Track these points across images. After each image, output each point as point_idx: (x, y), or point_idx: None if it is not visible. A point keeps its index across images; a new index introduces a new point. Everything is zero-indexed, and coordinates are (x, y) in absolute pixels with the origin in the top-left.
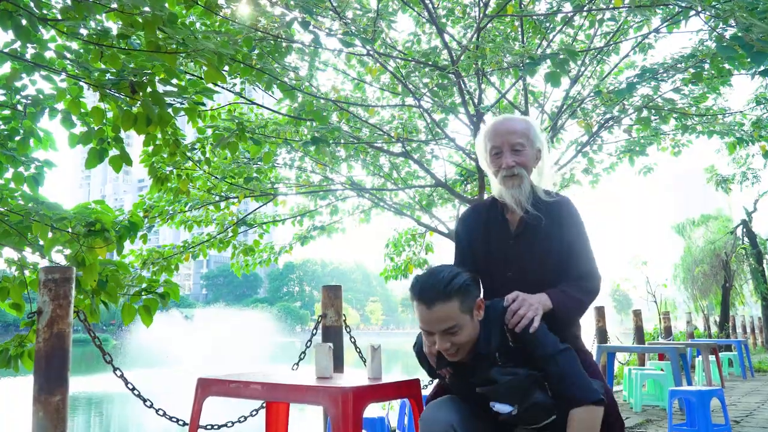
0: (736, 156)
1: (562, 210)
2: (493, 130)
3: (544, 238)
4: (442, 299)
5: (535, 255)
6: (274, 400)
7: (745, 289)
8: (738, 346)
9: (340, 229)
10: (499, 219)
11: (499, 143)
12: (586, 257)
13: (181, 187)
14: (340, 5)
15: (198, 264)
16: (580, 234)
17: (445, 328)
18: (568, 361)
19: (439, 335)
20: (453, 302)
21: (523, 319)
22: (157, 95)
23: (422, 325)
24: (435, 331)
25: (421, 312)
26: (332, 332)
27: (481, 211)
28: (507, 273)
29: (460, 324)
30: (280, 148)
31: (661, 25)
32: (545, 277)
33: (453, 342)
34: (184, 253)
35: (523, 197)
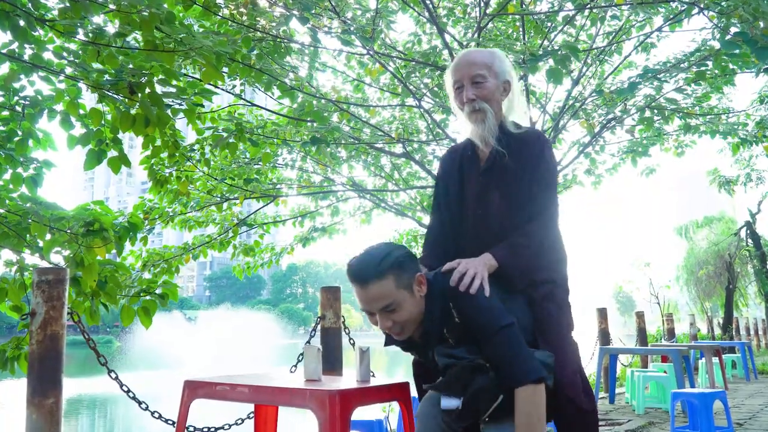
0: (739, 157)
1: (532, 146)
2: (454, 65)
3: (511, 173)
4: (375, 277)
5: (503, 189)
6: (261, 402)
7: (749, 291)
8: (741, 348)
9: (341, 230)
10: (469, 156)
11: (459, 77)
12: (541, 200)
13: (180, 189)
14: (339, 4)
15: (201, 266)
16: (540, 174)
17: (383, 306)
18: (507, 340)
19: (379, 314)
20: (387, 279)
21: (465, 276)
22: (155, 96)
23: (361, 305)
24: (374, 311)
25: (358, 292)
26: (331, 334)
27: (457, 151)
28: (477, 211)
29: (398, 301)
30: (280, 148)
31: (664, 24)
32: (512, 214)
33: (394, 320)
34: (184, 254)
35: (486, 132)
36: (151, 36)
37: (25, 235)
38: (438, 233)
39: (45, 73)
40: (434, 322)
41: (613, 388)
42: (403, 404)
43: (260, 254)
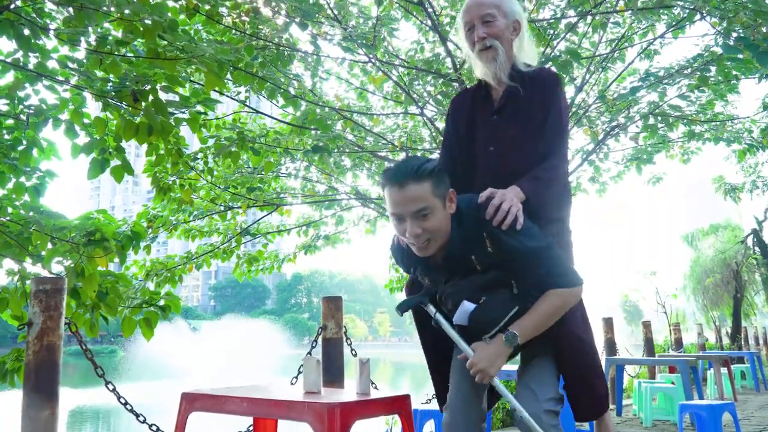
0: (745, 165)
1: (545, 82)
2: (465, 7)
3: (526, 108)
4: (414, 179)
5: (517, 125)
6: (259, 415)
7: (757, 300)
8: (750, 358)
9: (345, 239)
10: (482, 97)
11: (470, 18)
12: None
13: (184, 197)
14: (341, 12)
15: (206, 275)
16: (556, 111)
17: (417, 210)
18: (555, 255)
19: (411, 219)
20: (425, 183)
21: (508, 216)
22: (159, 104)
23: (393, 208)
24: (406, 214)
25: (393, 194)
26: (332, 345)
27: (467, 94)
28: (489, 148)
29: (432, 207)
30: (283, 158)
31: (666, 31)
32: (529, 147)
33: (424, 228)
34: (188, 263)
35: (498, 69)
36: (153, 44)
37: (27, 245)
38: (448, 170)
39: (50, 82)
40: (459, 246)
41: (620, 400)
42: (404, 417)
43: (262, 260)
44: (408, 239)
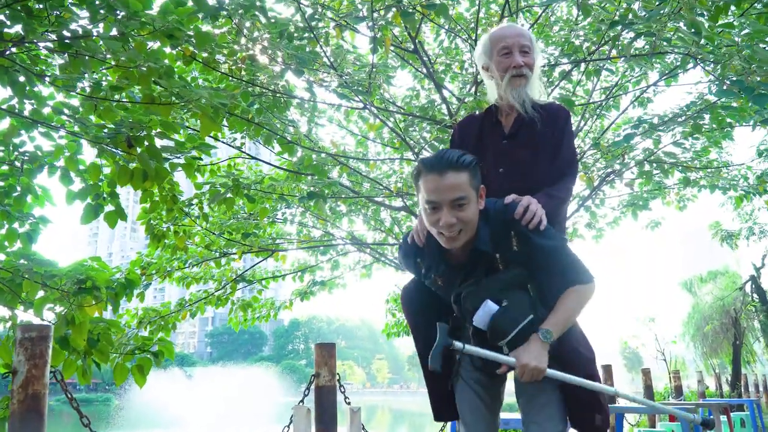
0: (741, 211)
1: (559, 114)
2: (502, 32)
3: (538, 136)
4: (454, 168)
5: (528, 151)
6: None
7: (756, 347)
8: (750, 406)
9: (341, 284)
10: (493, 122)
11: (510, 44)
12: (569, 160)
13: (178, 244)
14: (337, 60)
15: (203, 322)
16: (569, 137)
17: (454, 198)
18: (570, 252)
19: (448, 207)
20: (464, 173)
21: (535, 216)
22: (154, 149)
23: (430, 196)
24: (444, 201)
25: (432, 181)
26: (325, 392)
27: (476, 118)
28: (499, 169)
29: (468, 197)
30: (279, 204)
31: (660, 79)
32: (534, 171)
33: (459, 217)
34: (181, 311)
35: (526, 97)
36: (148, 90)
37: (20, 291)
38: None
39: (45, 129)
40: (486, 243)
41: None
42: None
43: (259, 308)
44: (441, 228)
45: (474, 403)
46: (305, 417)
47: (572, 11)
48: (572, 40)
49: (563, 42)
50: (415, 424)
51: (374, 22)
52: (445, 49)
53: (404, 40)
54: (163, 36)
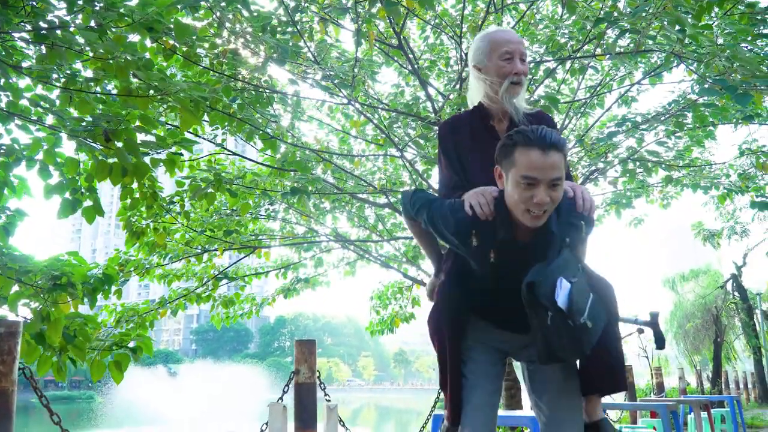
0: (723, 211)
1: (549, 122)
2: (505, 37)
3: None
4: (557, 148)
5: None
6: None
7: (737, 344)
8: (730, 402)
9: (325, 282)
10: (485, 126)
11: (512, 50)
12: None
13: (157, 241)
14: (320, 54)
15: (188, 319)
16: None
17: (554, 178)
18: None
19: (545, 186)
20: (563, 154)
21: (593, 205)
22: (132, 144)
23: (533, 172)
24: (544, 180)
25: (535, 157)
26: (305, 390)
27: (464, 121)
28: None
29: (563, 179)
30: (262, 200)
31: (643, 77)
32: None
33: (552, 197)
34: (161, 308)
35: (519, 103)
36: (126, 82)
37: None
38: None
39: (22, 122)
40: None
41: None
42: None
43: (240, 305)
44: (532, 205)
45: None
46: (281, 414)
47: (557, 9)
48: (557, 38)
49: (548, 40)
50: (401, 421)
51: (358, 15)
52: (430, 46)
53: (389, 36)
54: (142, 28)
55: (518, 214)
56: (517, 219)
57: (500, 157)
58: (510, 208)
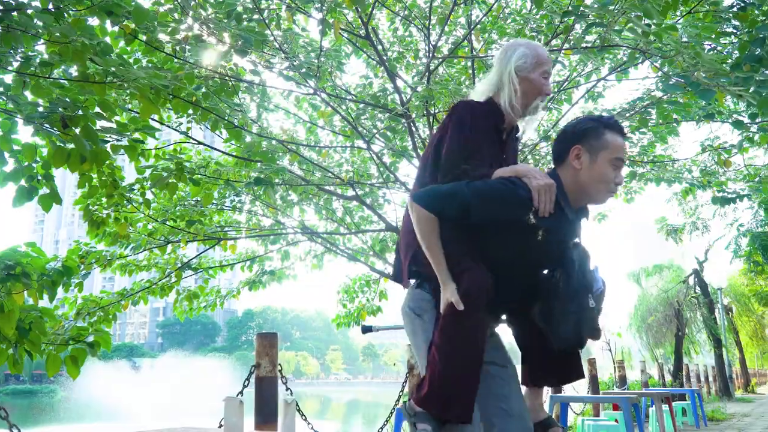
0: (685, 207)
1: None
2: (546, 56)
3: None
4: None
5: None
6: None
7: (699, 338)
8: (691, 395)
9: (292, 275)
10: (495, 125)
11: (550, 70)
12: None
13: (119, 232)
14: (286, 42)
15: (154, 312)
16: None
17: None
18: None
19: (622, 168)
20: None
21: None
22: (89, 131)
23: (622, 154)
24: (624, 162)
25: (621, 142)
26: (266, 384)
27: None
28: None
29: None
30: (228, 191)
31: (610, 73)
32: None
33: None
34: (122, 300)
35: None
36: (83, 67)
37: None
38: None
39: None
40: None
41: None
42: None
43: (204, 297)
44: (614, 185)
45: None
46: (237, 409)
47: (526, 3)
48: (525, 32)
49: (516, 34)
50: (369, 415)
51: (323, 3)
52: (399, 38)
53: (357, 26)
54: (101, 12)
55: (597, 191)
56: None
57: (586, 138)
58: (585, 185)
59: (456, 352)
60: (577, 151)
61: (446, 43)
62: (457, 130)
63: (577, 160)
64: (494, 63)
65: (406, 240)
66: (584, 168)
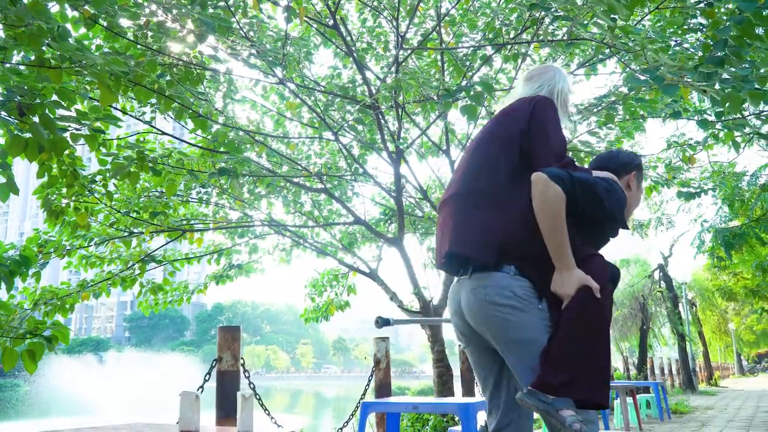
0: (650, 202)
1: None
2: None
3: None
4: None
5: None
6: None
7: (664, 332)
8: (655, 388)
9: (260, 269)
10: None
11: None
12: None
13: (79, 221)
14: (251, 30)
15: (121, 306)
16: None
17: None
18: None
19: None
20: None
21: None
22: (47, 119)
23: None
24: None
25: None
26: (228, 378)
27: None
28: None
29: None
30: (193, 183)
31: (577, 68)
32: None
33: None
34: (82, 292)
35: None
36: (39, 52)
37: None
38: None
39: None
40: None
41: None
42: None
43: (171, 292)
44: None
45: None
46: (193, 404)
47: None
48: (495, 25)
49: (485, 27)
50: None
51: None
52: (368, 29)
53: (326, 16)
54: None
55: (632, 209)
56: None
57: (639, 170)
58: (629, 203)
59: (594, 337)
60: (633, 177)
61: (416, 35)
62: (553, 125)
63: (631, 182)
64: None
65: (500, 222)
66: (633, 191)
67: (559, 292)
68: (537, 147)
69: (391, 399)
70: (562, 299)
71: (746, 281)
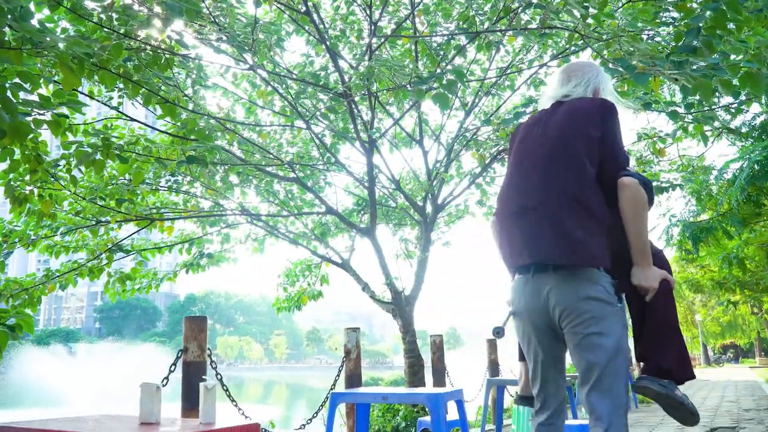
0: None
1: None
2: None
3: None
4: None
5: None
6: None
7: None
8: None
9: (232, 258)
10: None
11: None
12: None
13: (43, 209)
14: (221, 14)
15: (91, 296)
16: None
17: None
18: None
19: None
20: None
21: None
22: (8, 103)
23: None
24: None
25: None
26: (194, 369)
27: None
28: None
29: None
30: (162, 171)
31: (551, 59)
32: None
33: None
34: (48, 283)
35: None
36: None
37: None
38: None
39: None
40: None
41: (500, 420)
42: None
43: (140, 279)
44: None
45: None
46: (153, 395)
47: None
48: (469, 14)
49: (460, 17)
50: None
51: None
52: (342, 16)
53: (298, 2)
54: None
55: None
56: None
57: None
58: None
59: (677, 322)
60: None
61: (389, 23)
62: (619, 129)
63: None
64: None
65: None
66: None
67: (643, 285)
68: (616, 154)
69: (361, 389)
70: (642, 292)
71: (713, 274)
